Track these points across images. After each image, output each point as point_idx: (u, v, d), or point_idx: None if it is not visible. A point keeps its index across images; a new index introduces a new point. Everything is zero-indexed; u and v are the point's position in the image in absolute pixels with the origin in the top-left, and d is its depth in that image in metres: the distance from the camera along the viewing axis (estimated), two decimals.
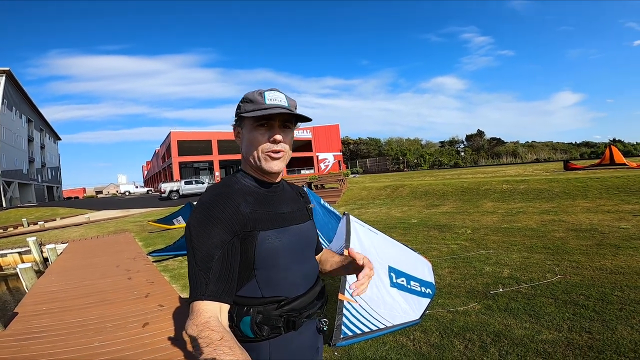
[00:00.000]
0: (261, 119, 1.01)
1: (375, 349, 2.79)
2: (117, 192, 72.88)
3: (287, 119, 1.04)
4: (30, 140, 47.14)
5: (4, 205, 33.35)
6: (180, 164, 39.95)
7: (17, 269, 6.65)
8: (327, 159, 47.73)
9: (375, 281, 3.31)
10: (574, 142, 54.73)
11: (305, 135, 45.31)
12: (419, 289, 3.57)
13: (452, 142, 54.93)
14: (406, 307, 3.27)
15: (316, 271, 1.15)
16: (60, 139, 67.68)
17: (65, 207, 28.38)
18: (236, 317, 0.95)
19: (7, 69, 38.53)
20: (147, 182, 74.77)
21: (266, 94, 1.02)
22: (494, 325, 2.96)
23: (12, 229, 17.82)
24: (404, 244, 4.23)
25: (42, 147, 53.67)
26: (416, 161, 44.81)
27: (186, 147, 39.80)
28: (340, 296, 3.07)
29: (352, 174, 31.43)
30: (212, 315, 0.83)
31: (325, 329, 1.13)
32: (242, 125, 1.06)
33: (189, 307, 0.86)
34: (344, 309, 3.01)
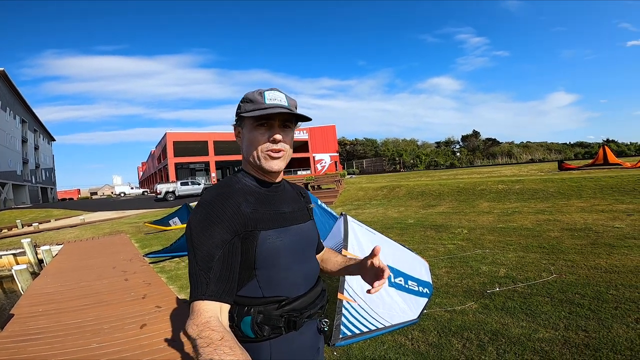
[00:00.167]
0: (261, 118, 1.01)
1: (374, 349, 2.80)
2: (112, 193, 72.43)
3: (287, 119, 1.05)
4: (24, 141, 46.74)
5: None
6: (176, 164, 39.82)
7: (13, 271, 6.60)
8: (324, 159, 47.77)
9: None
10: (568, 143, 55.16)
11: (301, 136, 45.32)
12: (416, 289, 3.59)
13: (448, 143, 55.16)
14: (404, 307, 3.29)
15: (317, 271, 1.15)
16: (54, 140, 67.16)
17: (59, 208, 28.17)
18: (237, 317, 0.95)
19: (2, 69, 38.26)
20: (142, 183, 74.42)
21: (266, 93, 1.03)
22: (491, 324, 2.98)
23: (6, 230, 17.66)
24: (401, 244, 4.25)
25: (36, 148, 53.24)
26: (412, 162, 44.91)
27: (182, 148, 39.65)
28: (339, 295, 3.08)
29: (348, 174, 31.47)
30: (212, 315, 0.82)
31: (326, 330, 1.12)
32: (243, 125, 1.06)
33: (189, 307, 0.86)
34: (343, 309, 3.02)
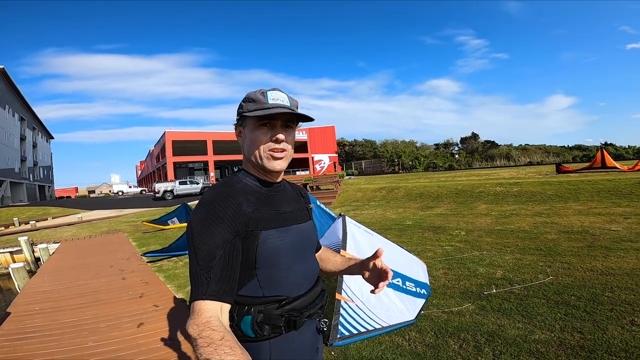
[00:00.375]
0: (263, 118, 1.01)
1: (371, 349, 2.81)
2: (110, 191, 72.22)
3: (289, 119, 1.05)
4: (22, 138, 46.61)
5: None
6: (174, 164, 39.75)
7: (9, 269, 6.58)
8: (323, 160, 47.78)
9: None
10: (566, 146, 55.13)
11: (300, 136, 45.31)
12: (414, 290, 3.59)
13: (447, 145, 55.18)
14: (402, 308, 3.30)
15: (317, 271, 1.16)
16: (53, 138, 66.96)
17: (57, 206, 28.09)
18: (237, 316, 0.95)
19: (1, 67, 38.19)
20: (140, 182, 74.26)
21: (268, 93, 1.03)
22: (487, 325, 2.99)
23: (3, 228, 17.60)
24: (399, 245, 4.26)
25: (35, 145, 53.09)
26: (411, 163, 44.90)
27: (181, 147, 39.58)
28: (337, 296, 3.09)
29: (347, 175, 31.49)
30: (213, 315, 0.83)
31: (325, 330, 1.13)
32: (244, 124, 1.07)
33: (190, 306, 0.86)
34: (341, 309, 3.02)
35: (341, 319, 2.97)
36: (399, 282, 3.50)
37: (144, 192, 47.88)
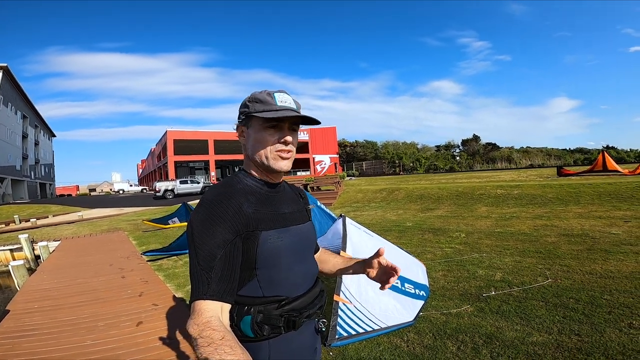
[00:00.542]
0: (272, 120, 1.02)
1: (369, 350, 2.81)
2: (110, 190, 72.23)
3: (295, 121, 1.06)
4: (24, 136, 46.70)
5: None
6: (175, 163, 39.82)
7: (9, 266, 6.59)
8: (324, 161, 47.77)
9: (370, 282, 3.34)
10: (568, 148, 55.04)
11: (302, 137, 45.30)
12: (413, 291, 3.60)
13: (448, 147, 55.09)
14: (400, 309, 3.30)
15: (316, 272, 1.17)
16: (55, 136, 67.11)
17: (58, 204, 28.13)
18: (236, 316, 0.96)
19: (4, 65, 38.31)
20: (141, 181, 74.31)
21: (276, 95, 1.03)
22: (486, 327, 2.99)
23: (3, 225, 17.63)
24: (398, 247, 4.27)
25: (37, 143, 53.21)
26: (412, 165, 44.84)
27: (182, 146, 39.65)
28: (335, 297, 3.09)
29: (348, 176, 31.47)
30: (213, 314, 0.83)
31: (323, 330, 1.13)
32: (249, 124, 1.06)
33: (190, 306, 0.86)
34: (339, 310, 3.03)
35: (339, 320, 2.98)
36: (397, 283, 3.51)
37: (145, 191, 47.92)
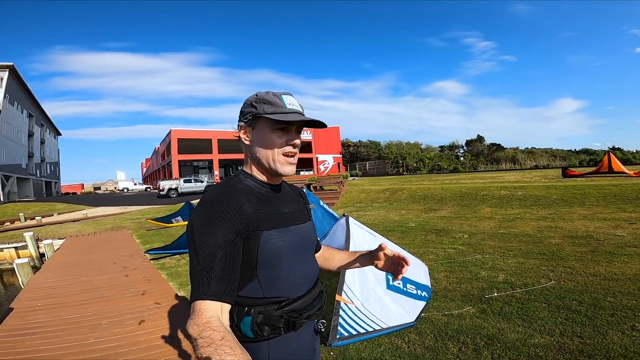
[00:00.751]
0: (282, 122, 1.01)
1: (370, 350, 2.81)
2: (115, 188, 72.61)
3: (301, 124, 1.07)
4: (30, 135, 47.08)
5: (1, 199, 33.28)
6: (179, 162, 39.93)
7: (14, 264, 6.64)
8: (327, 160, 47.73)
9: (371, 283, 3.34)
10: (573, 149, 54.58)
11: (305, 136, 45.27)
12: (415, 292, 3.59)
13: (452, 147, 54.82)
14: (402, 310, 3.29)
15: (316, 272, 1.16)
16: (60, 135, 67.64)
17: (63, 202, 28.32)
18: (237, 317, 0.96)
19: (11, 64, 38.61)
20: (146, 180, 74.73)
21: (284, 97, 1.03)
22: (487, 328, 2.98)
23: (9, 223, 17.78)
24: (401, 247, 4.26)
25: (42, 142, 53.61)
26: (415, 165, 44.70)
27: (186, 145, 39.79)
28: (337, 297, 3.09)
29: (351, 176, 31.42)
30: (213, 315, 0.83)
31: (322, 330, 1.13)
32: (256, 125, 1.05)
33: (190, 306, 0.86)
34: (341, 310, 3.03)
35: (341, 320, 2.98)
36: (399, 284, 3.50)
37: (149, 190, 48.13)
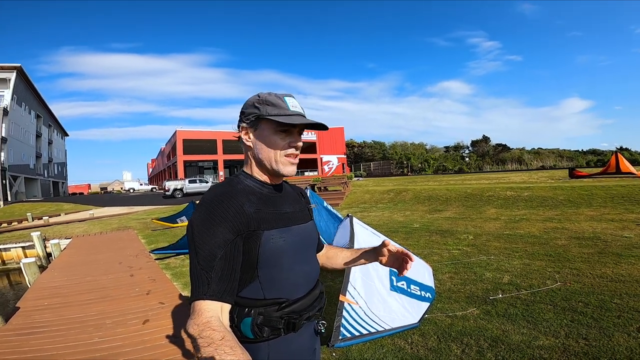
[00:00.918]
0: (286, 125, 1.02)
1: (373, 351, 2.80)
2: (121, 189, 73.26)
3: (303, 127, 1.07)
4: (38, 135, 47.54)
5: (9, 199, 33.66)
6: (185, 162, 40.17)
7: (21, 264, 6.71)
8: (331, 161, 47.78)
9: (375, 284, 3.33)
10: (580, 150, 54.08)
11: (310, 137, 45.36)
12: (418, 293, 3.57)
13: (457, 148, 54.57)
14: (405, 311, 3.28)
15: (317, 272, 1.16)
16: (67, 135, 68.15)
17: (70, 202, 28.59)
18: (237, 317, 0.96)
19: (19, 65, 38.94)
20: (152, 180, 75.16)
21: (287, 99, 1.04)
22: (491, 330, 2.96)
23: (16, 223, 17.99)
24: (405, 248, 4.23)
25: (50, 142, 54.12)
26: (420, 166, 44.53)
27: (191, 145, 40.02)
28: (341, 297, 3.09)
29: (355, 177, 31.39)
30: (213, 315, 0.83)
31: (323, 331, 1.13)
32: (258, 126, 1.05)
33: (190, 306, 0.87)
34: (344, 311, 3.02)
35: (344, 321, 2.97)
36: (403, 285, 3.49)
37: (154, 190, 48.43)
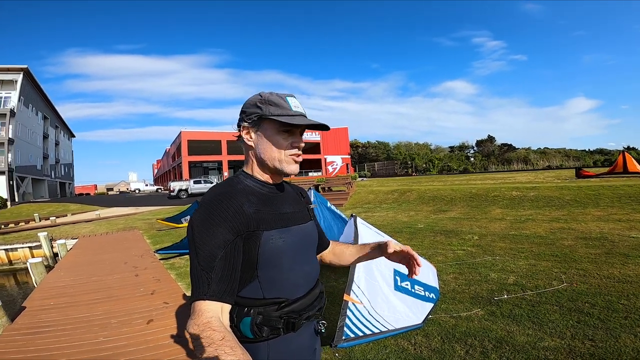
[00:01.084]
0: (289, 125, 1.02)
1: (376, 352, 2.79)
2: (127, 189, 73.73)
3: (306, 127, 1.08)
4: (45, 137, 47.97)
5: (16, 200, 34.00)
6: (189, 163, 40.36)
7: (28, 264, 6.77)
8: (335, 161, 47.74)
9: (379, 283, 3.32)
10: (587, 149, 53.65)
11: (313, 137, 45.40)
12: (423, 294, 3.55)
13: (462, 147, 54.29)
14: (409, 311, 3.26)
15: (317, 272, 1.16)
16: (74, 136, 68.72)
17: (76, 203, 28.85)
18: (236, 317, 0.96)
19: (25, 66, 39.28)
20: (157, 181, 75.65)
21: (289, 99, 1.04)
22: (496, 331, 2.94)
23: (23, 223, 18.18)
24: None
25: (57, 143, 54.58)
26: (425, 166, 44.40)
27: (196, 146, 40.20)
28: (345, 297, 3.08)
29: (360, 177, 31.35)
30: (213, 315, 0.83)
31: (322, 331, 1.13)
32: (260, 126, 1.05)
33: (191, 306, 0.87)
34: (348, 310, 3.01)
35: (347, 321, 2.96)
36: (407, 285, 3.47)
37: (160, 191, 48.68)
